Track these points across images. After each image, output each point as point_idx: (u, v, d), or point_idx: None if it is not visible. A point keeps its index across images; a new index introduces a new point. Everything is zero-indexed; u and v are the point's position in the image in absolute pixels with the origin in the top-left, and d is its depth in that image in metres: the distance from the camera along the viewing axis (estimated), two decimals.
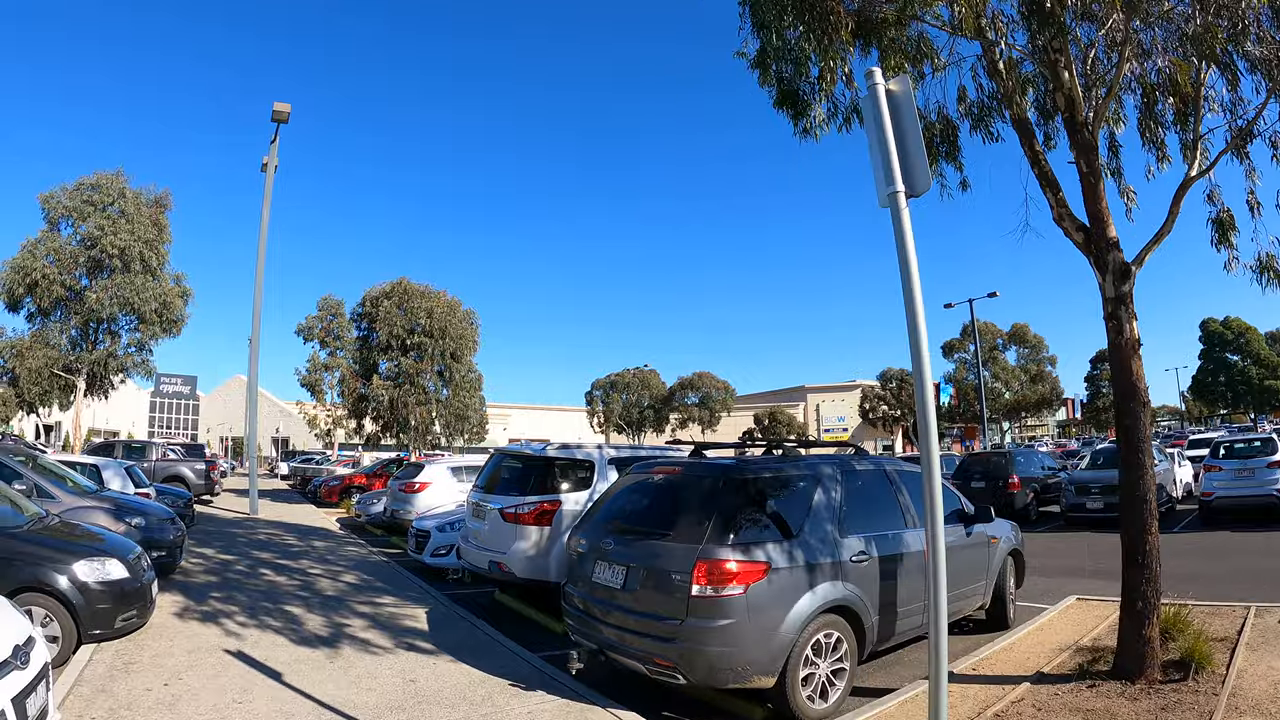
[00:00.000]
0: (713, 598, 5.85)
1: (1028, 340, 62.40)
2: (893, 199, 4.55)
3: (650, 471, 7.76)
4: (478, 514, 10.36)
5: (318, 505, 26.79)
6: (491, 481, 10.73)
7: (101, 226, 24.19)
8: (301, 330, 48.02)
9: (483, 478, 11.08)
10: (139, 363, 25.34)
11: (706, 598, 5.87)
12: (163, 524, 11.17)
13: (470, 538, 10.53)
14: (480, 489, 10.78)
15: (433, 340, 23.91)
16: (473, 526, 10.51)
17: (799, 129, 7.52)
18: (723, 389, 74.59)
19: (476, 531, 10.34)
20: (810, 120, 7.43)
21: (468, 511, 10.92)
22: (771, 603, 5.95)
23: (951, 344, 63.51)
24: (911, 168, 4.62)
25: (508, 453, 11.27)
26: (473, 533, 10.48)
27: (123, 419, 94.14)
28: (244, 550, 14.52)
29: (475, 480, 11.46)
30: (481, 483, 10.94)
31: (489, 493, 10.43)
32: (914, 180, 4.60)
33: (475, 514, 10.46)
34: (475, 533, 10.37)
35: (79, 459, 14.99)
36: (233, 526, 18.85)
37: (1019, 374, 61.38)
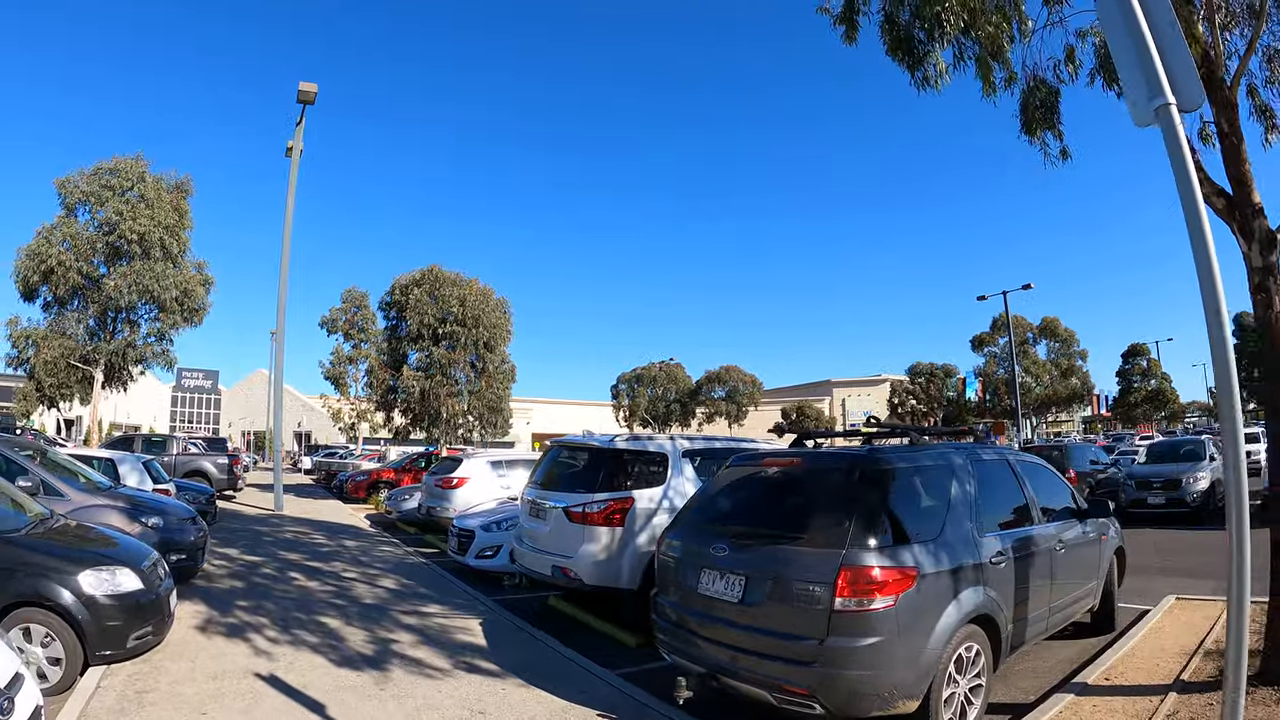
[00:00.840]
0: (858, 612, 4.91)
1: (1058, 334, 61.49)
2: (1162, 114, 3.39)
3: (759, 464, 6.64)
4: (536, 513, 9.26)
5: (344, 501, 25.80)
6: (550, 477, 9.64)
7: (120, 211, 23.25)
8: (325, 323, 47.24)
9: (539, 473, 9.97)
10: (159, 353, 24.42)
11: (851, 612, 4.92)
12: (183, 524, 10.14)
13: (527, 539, 9.44)
14: (537, 485, 9.68)
15: (465, 329, 22.79)
16: (529, 527, 9.41)
17: (916, 78, 7.36)
18: (750, 383, 74.10)
19: (534, 532, 9.24)
20: (929, 70, 7.20)
21: (523, 510, 9.80)
22: (920, 615, 5.07)
23: (981, 338, 63.08)
24: (1178, 73, 3.45)
25: (568, 445, 10.13)
26: (529, 534, 9.38)
27: (144, 413, 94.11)
28: (271, 551, 13.48)
29: (531, 476, 10.32)
30: (538, 478, 9.83)
31: (548, 489, 9.35)
32: (1183, 89, 3.44)
33: (533, 513, 9.35)
34: (533, 534, 9.27)
35: (94, 453, 14.00)
36: (258, 524, 17.85)
37: (1049, 368, 60.16)
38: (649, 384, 75.14)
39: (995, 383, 61.46)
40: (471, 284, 23.91)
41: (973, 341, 64.18)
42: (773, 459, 6.59)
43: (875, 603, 4.90)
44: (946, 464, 6.09)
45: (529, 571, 9.28)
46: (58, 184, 23.98)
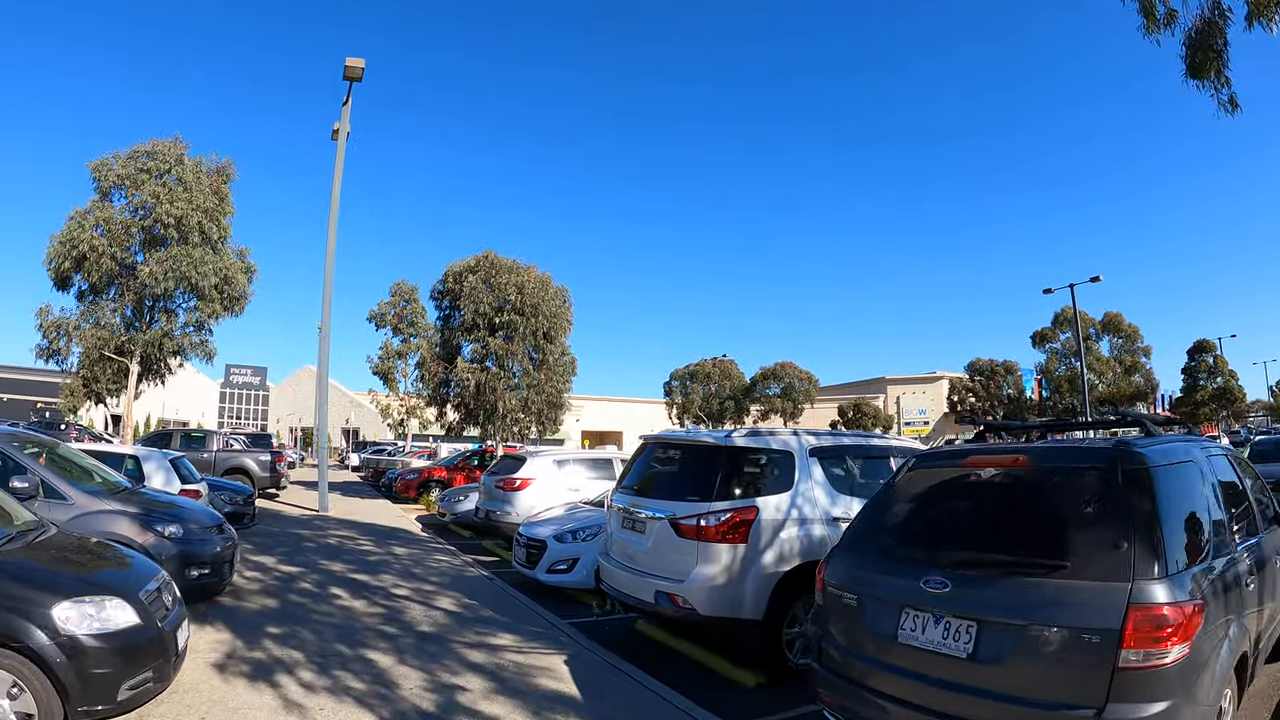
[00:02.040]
0: (1149, 667, 3.59)
1: (1122, 330, 59.12)
2: None
3: (960, 464, 4.93)
4: (631, 524, 7.60)
5: (393, 501, 24.45)
6: (647, 481, 7.98)
7: (156, 194, 22.06)
8: (374, 317, 46.31)
9: (632, 475, 8.30)
10: (197, 343, 23.15)
11: (1140, 668, 3.58)
12: (205, 533, 8.63)
13: (618, 556, 7.79)
14: (630, 491, 8.00)
15: (524, 319, 21.19)
16: (622, 539, 7.76)
17: None
18: (806, 379, 72.89)
19: (628, 548, 7.59)
20: None
21: (612, 521, 8.14)
22: (1207, 661, 3.84)
23: (1044, 333, 60.56)
24: None
25: (670, 441, 8.42)
26: (621, 549, 7.74)
27: (192, 409, 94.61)
28: (311, 559, 11.99)
29: (621, 479, 8.64)
30: (631, 482, 8.15)
31: (645, 495, 7.69)
32: None
33: (626, 524, 7.69)
34: (626, 550, 7.62)
35: (119, 450, 12.64)
36: (299, 526, 16.44)
37: (1113, 365, 57.79)
38: (702, 380, 74.19)
39: (1057, 380, 58.99)
40: (529, 271, 22.34)
41: (1033, 337, 61.71)
42: (983, 457, 4.85)
43: (1168, 653, 3.60)
44: (1192, 460, 4.81)
45: (621, 596, 7.60)
46: (92, 167, 22.92)
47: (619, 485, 8.47)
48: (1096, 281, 37.35)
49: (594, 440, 70.43)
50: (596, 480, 14.32)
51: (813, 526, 7.15)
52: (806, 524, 7.12)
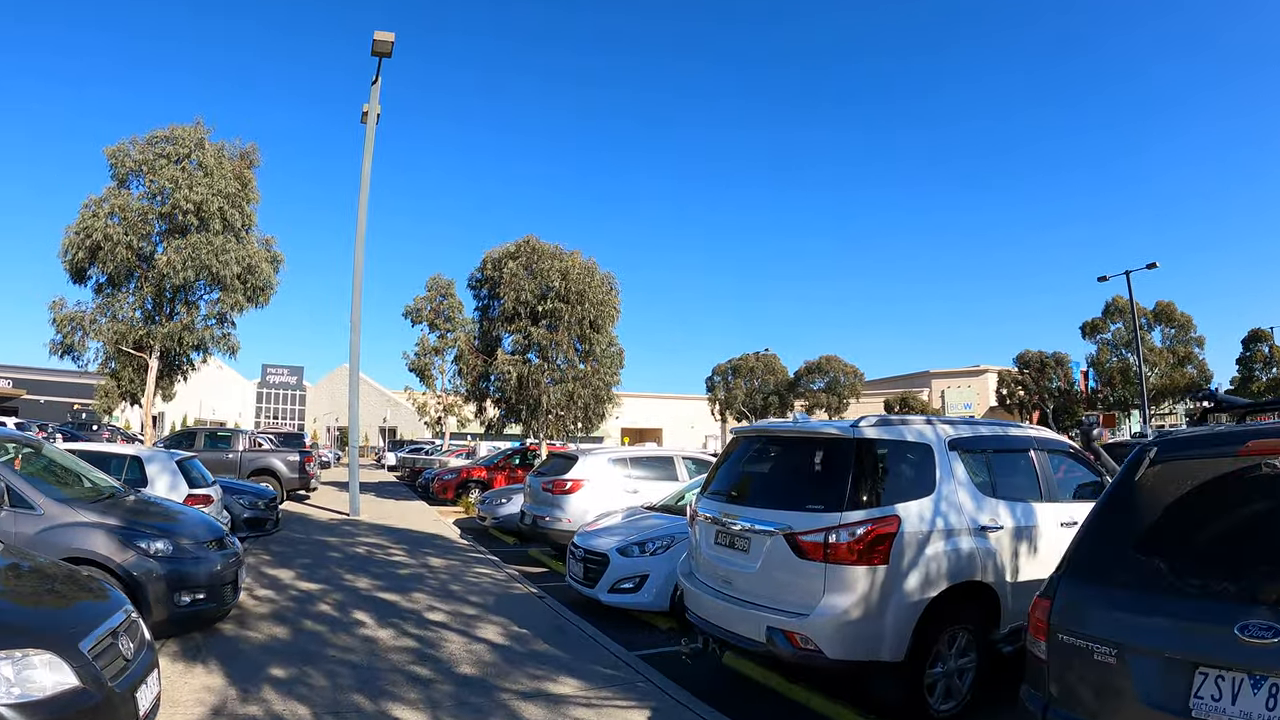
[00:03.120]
0: None
1: (1174, 319, 56.68)
2: None
3: (1245, 452, 3.33)
4: (728, 541, 6.08)
5: (430, 502, 23.11)
6: (743, 484, 6.47)
7: (175, 180, 20.88)
8: (409, 312, 45.16)
9: (722, 478, 6.79)
10: (219, 337, 21.92)
11: None
12: (201, 549, 7.23)
13: (707, 578, 6.27)
14: (720, 497, 6.48)
15: (569, 306, 19.66)
16: (713, 559, 6.22)
17: None
18: (851, 373, 71.68)
19: (723, 569, 6.08)
20: None
21: (699, 535, 6.59)
22: None
23: (1094, 324, 58.73)
24: None
25: (772, 435, 6.81)
26: (711, 569, 6.23)
27: (229, 410, 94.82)
28: (334, 573, 10.59)
29: (708, 482, 7.06)
30: (723, 487, 6.63)
31: (740, 503, 6.16)
32: None
33: (721, 540, 6.17)
34: (721, 572, 6.09)
35: (117, 450, 11.34)
36: (327, 533, 15.10)
37: (1165, 356, 55.48)
38: (745, 375, 73.25)
39: (1109, 371, 57.00)
40: (573, 256, 20.83)
41: (1083, 328, 59.86)
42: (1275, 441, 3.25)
43: None
44: None
45: (714, 630, 6.04)
46: (109, 153, 21.85)
47: (705, 490, 6.90)
48: (1154, 268, 36.70)
49: (633, 438, 69.14)
50: (656, 482, 12.79)
51: (960, 539, 5.63)
52: (953, 536, 5.58)
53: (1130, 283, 37.55)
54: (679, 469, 13.25)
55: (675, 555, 8.52)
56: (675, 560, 8.46)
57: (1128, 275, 37.37)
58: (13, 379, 70.01)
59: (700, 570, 6.45)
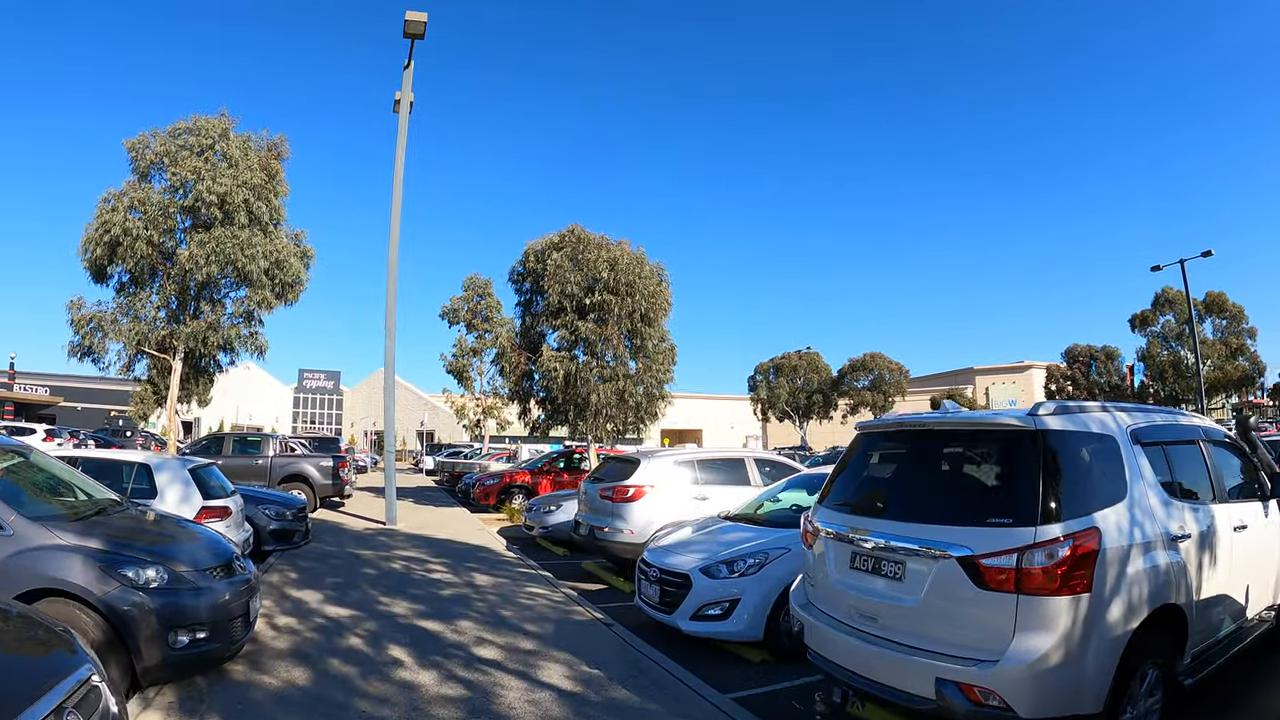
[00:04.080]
0: None
1: (1226, 310, 54.33)
2: None
3: None
4: (870, 564, 4.80)
5: (471, 509, 21.86)
6: (876, 492, 5.23)
7: (197, 171, 19.77)
8: (446, 313, 44.11)
9: (845, 485, 5.57)
10: (246, 336, 20.77)
11: None
12: (203, 577, 5.98)
13: (840, 612, 4.98)
14: (845, 508, 5.19)
15: (618, 299, 18.26)
16: (848, 588, 4.94)
17: None
18: (896, 370, 70.26)
19: (865, 601, 4.82)
20: None
21: (824, 555, 5.27)
22: None
23: (1144, 316, 56.20)
24: None
25: (916, 428, 5.35)
26: (846, 600, 4.96)
27: (266, 415, 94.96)
28: (368, 595, 9.32)
29: (828, 487, 5.67)
30: (847, 495, 5.41)
31: (874, 515, 4.95)
32: None
33: (862, 564, 4.83)
34: (862, 604, 4.83)
35: (124, 457, 10.17)
36: (361, 544, 13.89)
37: (1217, 348, 53.28)
38: (788, 374, 71.90)
39: (1161, 364, 54.61)
40: (621, 246, 19.46)
41: (1132, 320, 57.31)
42: None
43: None
44: None
45: (860, 682, 4.65)
46: (128, 146, 20.80)
47: (825, 499, 5.52)
48: (1208, 255, 35.74)
49: (673, 439, 67.86)
50: (726, 487, 11.40)
51: (1156, 553, 4.43)
52: (1150, 550, 4.38)
53: (1185, 272, 36.47)
54: (751, 472, 11.85)
55: (770, 576, 7.22)
56: (770, 581, 7.20)
57: (1182, 264, 36.21)
58: (50, 386, 70.39)
59: (827, 601, 5.09)
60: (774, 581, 7.20)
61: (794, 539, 7.51)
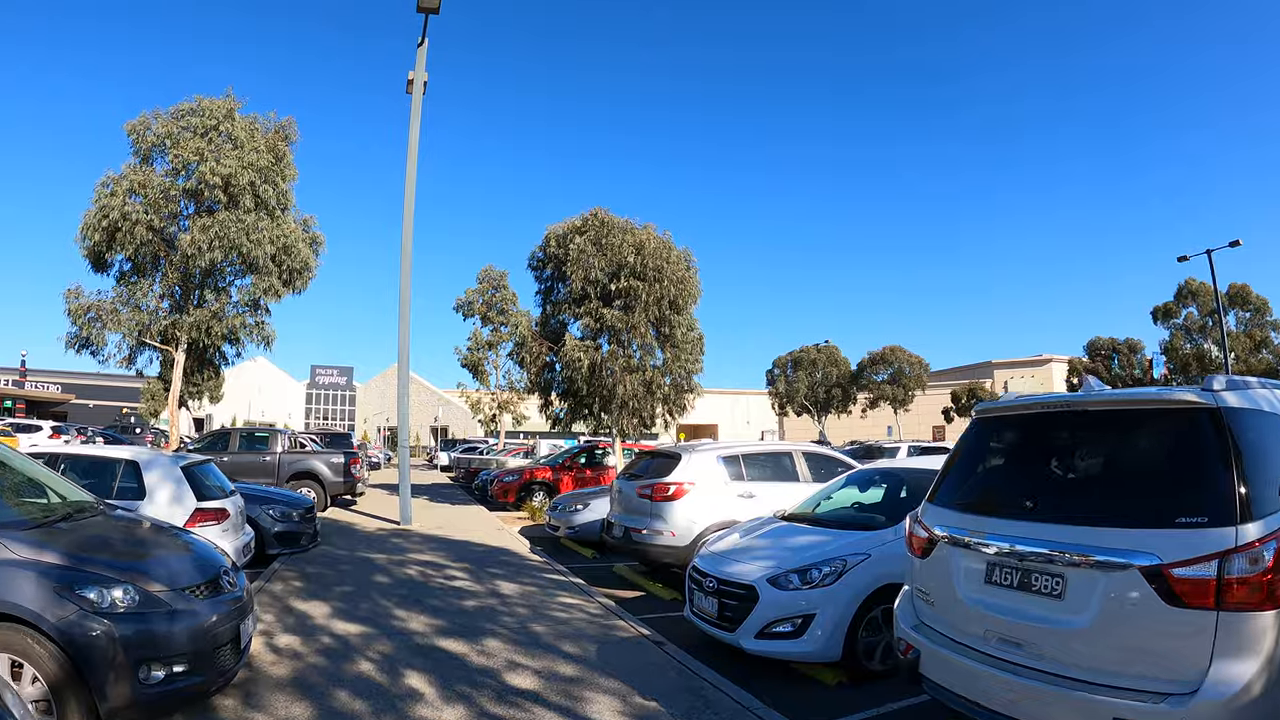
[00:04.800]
0: None
1: (1250, 301, 53.31)
2: None
3: None
4: (1015, 578, 4.04)
5: (489, 507, 20.89)
6: (1008, 488, 4.33)
7: (200, 151, 18.85)
8: (460, 305, 43.24)
9: (959, 479, 4.80)
10: (252, 326, 19.80)
11: None
12: (182, 598, 5.01)
13: (972, 637, 4.28)
14: (962, 506, 4.34)
15: (645, 284, 17.19)
16: (986, 606, 4.20)
17: None
18: (916, 364, 69.26)
19: (1003, 621, 4.11)
20: None
21: (951, 567, 4.33)
22: None
23: (1167, 308, 55.53)
24: None
25: (1058, 409, 4.38)
26: (978, 622, 4.22)
27: (278, 411, 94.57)
28: (381, 607, 8.33)
29: (940, 486, 4.71)
30: (962, 494, 4.66)
31: (1023, 516, 4.13)
32: None
33: (1003, 576, 4.09)
34: (1001, 625, 4.13)
35: (110, 453, 9.20)
36: (373, 547, 12.92)
37: (1242, 340, 52.45)
38: (806, 368, 70.87)
39: (1184, 357, 53.90)
40: (647, 230, 18.41)
41: (1154, 312, 56.61)
42: None
43: None
44: None
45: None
46: (129, 128, 19.89)
47: (937, 497, 4.54)
48: (1236, 245, 34.68)
49: (689, 434, 66.82)
50: (774, 483, 10.36)
51: None
52: None
53: (1212, 262, 35.70)
54: (800, 467, 10.80)
55: (849, 587, 6.24)
56: (849, 593, 6.23)
57: (1209, 254, 35.53)
58: (62, 384, 70.02)
59: (952, 622, 4.14)
60: (853, 593, 6.23)
61: (873, 543, 6.53)
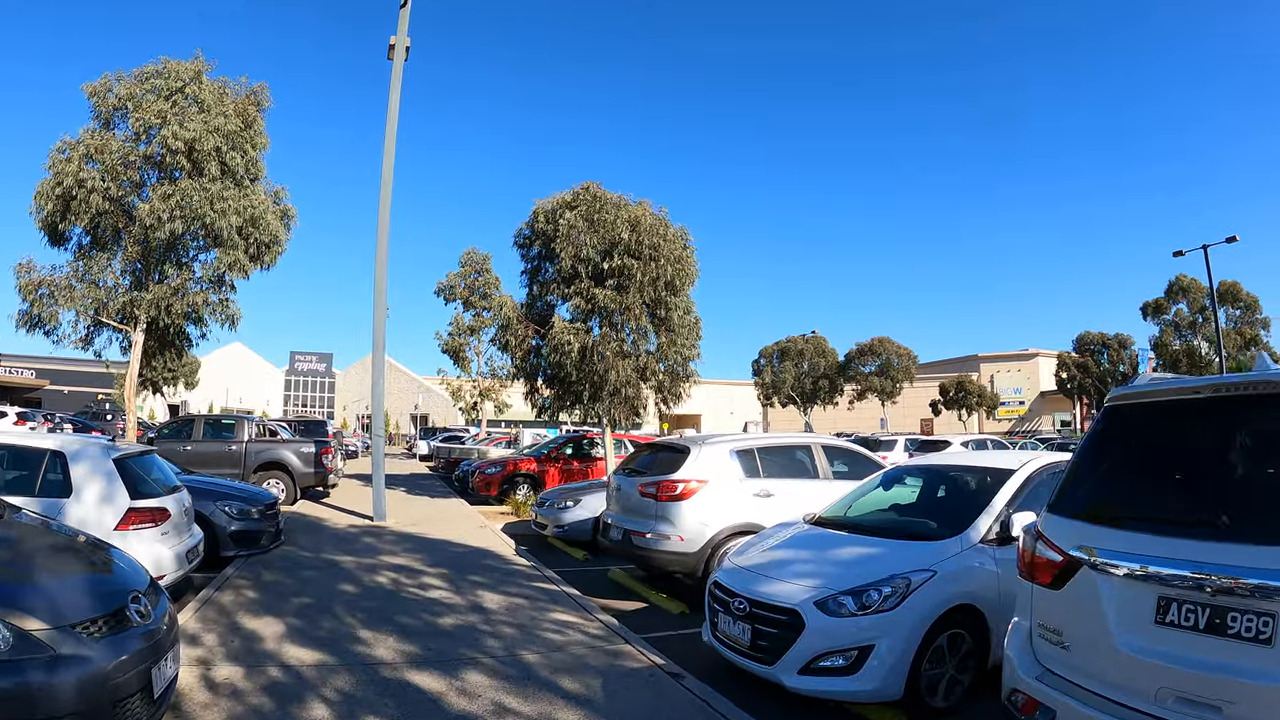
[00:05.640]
0: None
1: (1240, 299, 53.63)
2: None
3: None
4: (1195, 615, 3.20)
5: (470, 500, 19.68)
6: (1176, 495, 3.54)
7: (163, 114, 17.42)
8: (442, 289, 41.82)
9: (1107, 485, 3.98)
10: (216, 304, 18.35)
11: None
12: (69, 641, 3.82)
13: (1139, 695, 3.06)
14: (1117, 521, 3.48)
15: (640, 263, 15.94)
16: (1145, 653, 3.31)
17: None
18: (905, 356, 68.28)
19: (1190, 676, 3.06)
20: None
21: (1091, 597, 3.34)
22: None
23: (1158, 304, 55.70)
24: None
25: (1231, 393, 3.26)
26: (1149, 676, 3.31)
27: (257, 398, 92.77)
28: (343, 626, 7.14)
29: (1066, 491, 3.75)
30: (1123, 502, 3.69)
31: (1208, 535, 3.00)
32: None
33: (1184, 616, 3.16)
34: (1187, 680, 3.07)
35: (30, 443, 7.89)
36: (342, 548, 11.71)
37: (1232, 337, 52.60)
38: (794, 358, 70.11)
39: (1174, 353, 54.15)
40: (642, 206, 17.15)
41: (1144, 308, 56.78)
42: None
43: None
44: None
45: None
46: (89, 91, 18.39)
47: (1062, 505, 3.58)
48: (1233, 241, 35.09)
49: (671, 425, 65.74)
50: (793, 480, 9.23)
51: None
52: None
53: (1208, 258, 35.67)
54: (819, 463, 9.65)
55: (914, 611, 5.18)
56: (914, 618, 5.18)
57: (1205, 250, 35.41)
58: (36, 369, 68.14)
59: (1103, 673, 3.17)
60: (919, 618, 5.16)
61: (936, 556, 5.45)
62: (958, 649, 5.41)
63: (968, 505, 6.23)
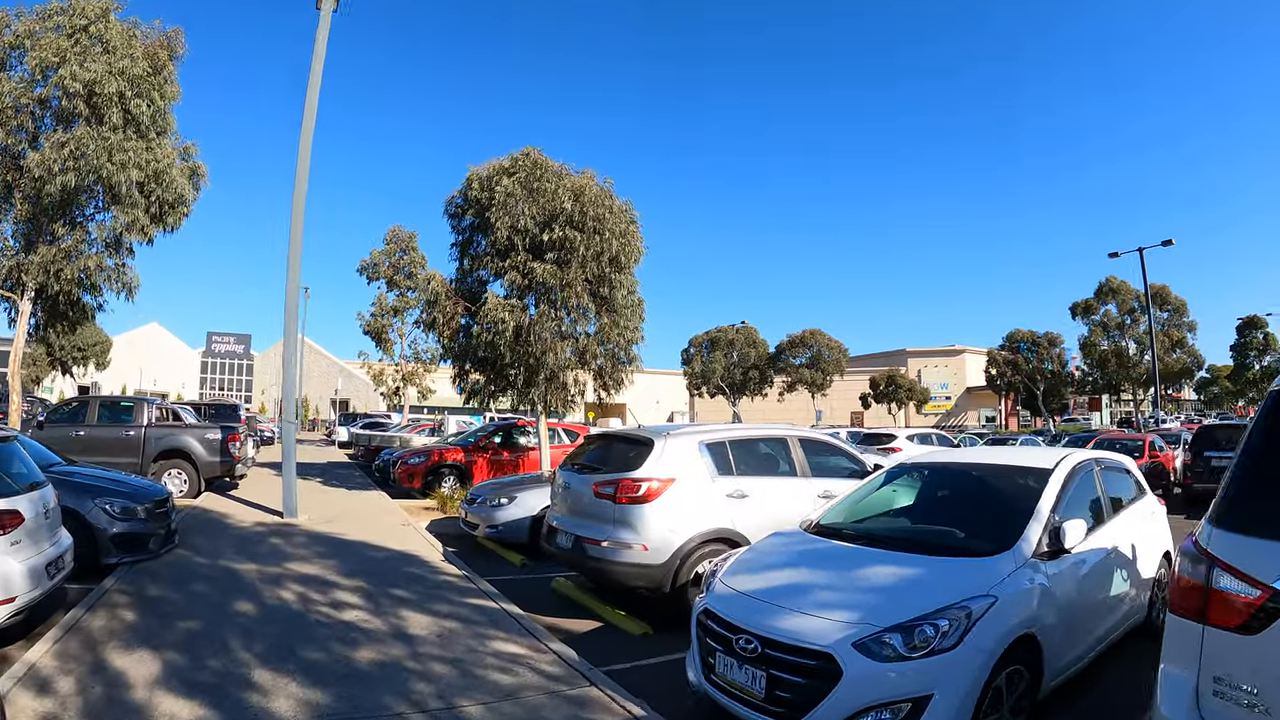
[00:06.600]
0: None
1: (1169, 302, 55.16)
2: None
3: None
4: None
5: (392, 493, 18.11)
6: None
7: (62, 52, 15.46)
8: (364, 268, 39.81)
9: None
10: (111, 270, 16.36)
11: None
12: None
13: None
14: None
15: (584, 236, 14.62)
16: None
17: None
18: (836, 349, 68.98)
19: None
20: None
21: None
22: None
23: (1087, 304, 57.50)
24: None
25: None
26: None
27: (172, 380, 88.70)
28: (234, 660, 5.75)
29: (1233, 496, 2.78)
30: None
31: None
32: None
33: None
34: None
35: None
36: (244, 552, 10.19)
37: (1160, 339, 53.91)
38: (724, 348, 70.23)
39: (1102, 354, 56.11)
40: (585, 175, 15.81)
41: (1074, 308, 58.51)
42: None
43: None
44: None
45: None
46: None
47: (1234, 518, 2.80)
48: (1169, 245, 35.29)
49: (596, 413, 64.47)
50: (769, 479, 8.11)
51: None
52: None
53: (1144, 260, 36.19)
54: (797, 459, 8.48)
55: (976, 649, 4.14)
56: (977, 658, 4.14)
57: (1140, 252, 35.96)
58: None
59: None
60: (983, 658, 4.12)
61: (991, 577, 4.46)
62: (1015, 688, 4.38)
63: (1008, 512, 5.28)
